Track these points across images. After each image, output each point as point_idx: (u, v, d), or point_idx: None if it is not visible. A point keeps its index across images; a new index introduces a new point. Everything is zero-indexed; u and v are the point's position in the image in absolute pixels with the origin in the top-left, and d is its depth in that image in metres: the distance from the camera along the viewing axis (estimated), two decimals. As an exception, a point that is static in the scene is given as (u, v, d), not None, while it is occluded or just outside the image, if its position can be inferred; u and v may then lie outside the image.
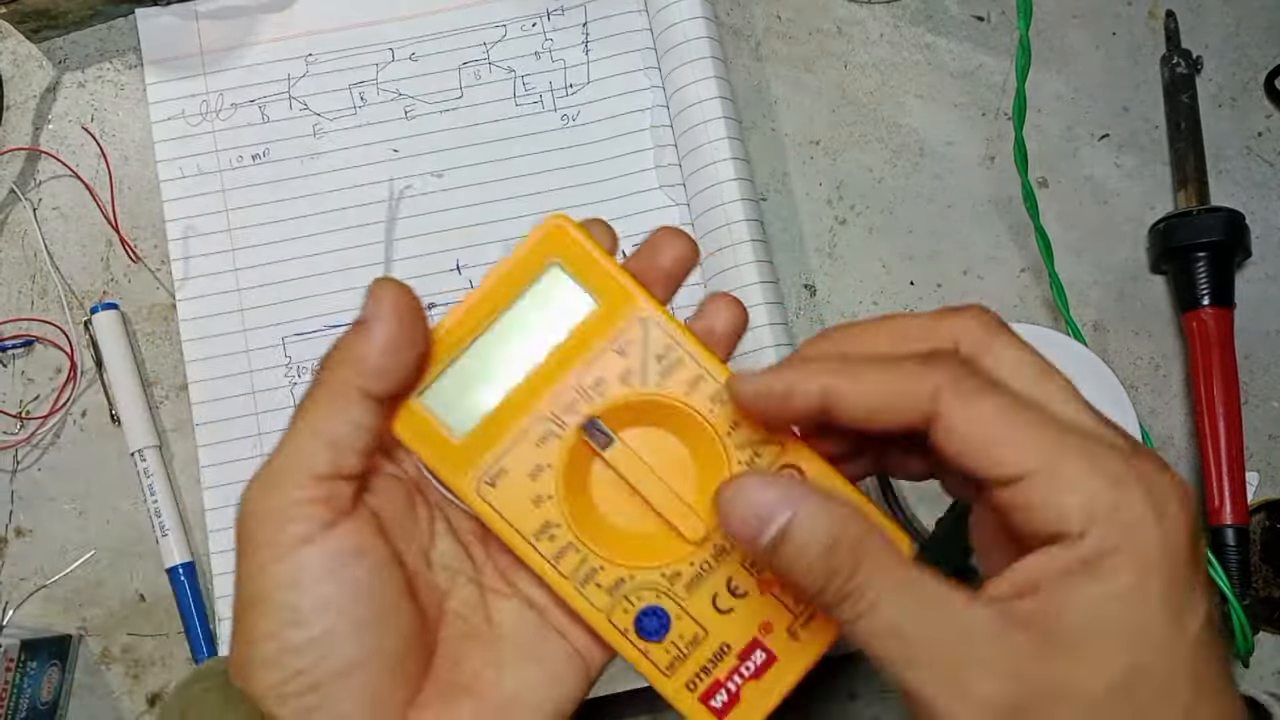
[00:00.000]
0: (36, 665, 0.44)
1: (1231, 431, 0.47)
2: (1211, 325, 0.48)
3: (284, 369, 0.48)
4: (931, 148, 0.52)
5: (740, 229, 0.47)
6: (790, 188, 0.51)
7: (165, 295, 0.50)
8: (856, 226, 0.51)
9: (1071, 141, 0.52)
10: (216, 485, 0.47)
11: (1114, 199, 0.52)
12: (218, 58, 0.51)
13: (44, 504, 0.48)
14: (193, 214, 0.50)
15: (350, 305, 0.49)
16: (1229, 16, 0.53)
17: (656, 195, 0.50)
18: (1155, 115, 0.52)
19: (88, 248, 0.50)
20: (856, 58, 0.53)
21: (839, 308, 0.50)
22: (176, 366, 0.49)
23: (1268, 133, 0.52)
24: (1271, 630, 0.48)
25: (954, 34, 0.53)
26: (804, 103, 0.52)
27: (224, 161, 0.50)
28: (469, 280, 0.49)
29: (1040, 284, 0.51)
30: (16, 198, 0.50)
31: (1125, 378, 0.49)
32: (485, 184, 0.50)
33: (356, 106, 0.51)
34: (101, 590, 0.48)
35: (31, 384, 0.49)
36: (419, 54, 0.51)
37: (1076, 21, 0.53)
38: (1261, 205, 0.51)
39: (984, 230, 0.51)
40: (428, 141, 0.50)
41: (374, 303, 0.26)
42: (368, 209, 0.50)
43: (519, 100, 0.51)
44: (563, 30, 0.52)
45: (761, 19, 0.53)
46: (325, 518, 0.26)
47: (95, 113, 0.52)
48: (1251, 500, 0.48)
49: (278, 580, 0.26)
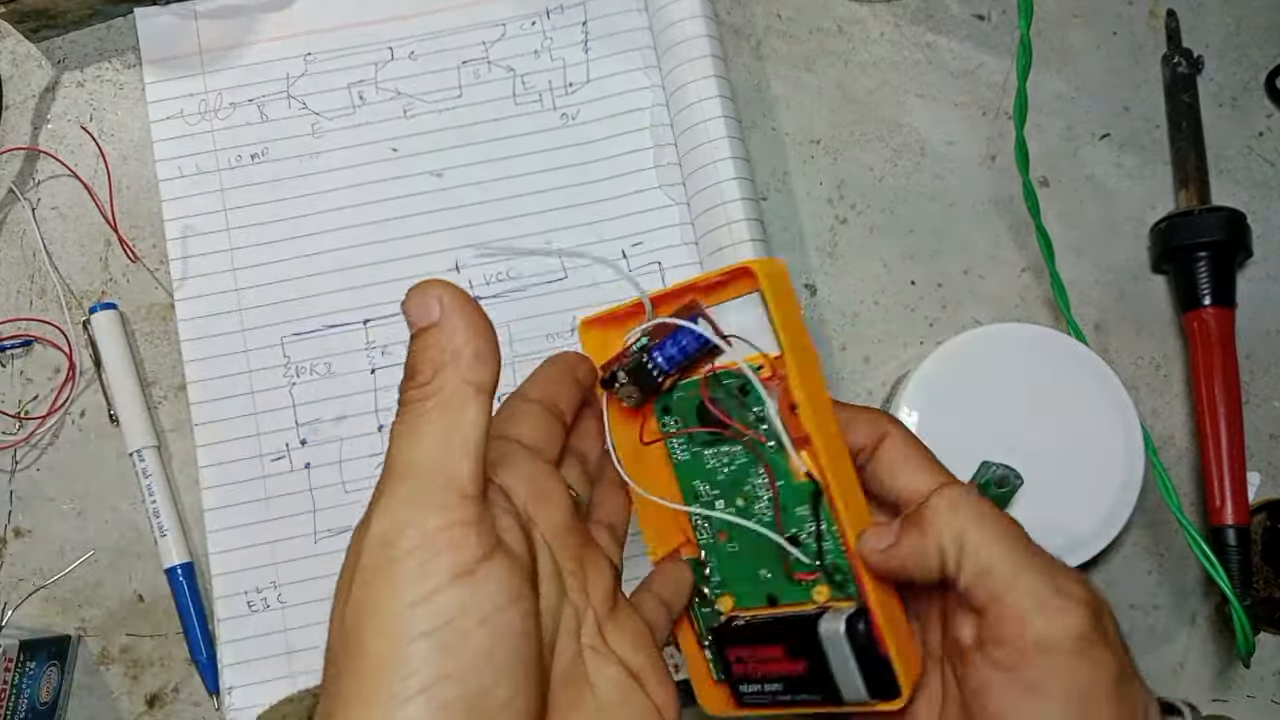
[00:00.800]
0: (35, 665, 0.44)
1: (1233, 431, 0.47)
2: (1213, 325, 0.48)
3: (283, 369, 0.48)
4: (932, 147, 0.52)
5: (740, 229, 0.47)
6: (790, 187, 0.51)
7: (164, 295, 0.50)
8: (857, 226, 0.51)
9: (1072, 141, 0.52)
10: (215, 485, 0.47)
11: (1115, 198, 0.52)
12: (216, 57, 0.51)
13: (43, 504, 0.48)
14: (191, 214, 0.50)
15: (350, 305, 0.49)
16: (1229, 16, 0.53)
17: (656, 195, 0.50)
18: (1156, 115, 0.52)
19: (86, 247, 0.50)
20: (857, 57, 0.53)
21: (839, 307, 0.50)
22: (175, 366, 0.49)
23: (1268, 132, 0.52)
24: (1272, 631, 0.48)
25: (955, 33, 0.53)
26: (804, 102, 0.52)
27: (223, 161, 0.50)
28: (468, 280, 0.49)
29: (1041, 284, 0.50)
30: (15, 197, 0.50)
31: (1126, 378, 0.49)
32: (485, 183, 0.50)
33: (355, 106, 0.51)
34: (100, 590, 0.48)
35: (30, 384, 0.49)
36: (418, 53, 0.51)
37: (1077, 21, 0.53)
38: (1262, 205, 0.51)
39: (985, 230, 0.51)
40: (427, 141, 0.50)
41: (432, 300, 0.25)
42: (367, 208, 0.50)
43: (518, 99, 0.51)
44: (562, 29, 0.51)
45: (761, 18, 0.53)
46: (479, 548, 0.23)
47: (94, 112, 0.51)
48: (1252, 500, 0.48)
49: (429, 623, 0.22)
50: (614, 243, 0.49)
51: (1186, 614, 0.49)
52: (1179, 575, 0.49)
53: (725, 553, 0.36)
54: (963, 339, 0.45)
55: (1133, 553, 0.49)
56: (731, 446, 0.35)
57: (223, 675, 0.46)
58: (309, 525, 0.47)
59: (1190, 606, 0.49)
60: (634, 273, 0.49)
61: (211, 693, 0.46)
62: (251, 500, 0.47)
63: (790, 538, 0.34)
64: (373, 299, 0.49)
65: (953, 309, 0.50)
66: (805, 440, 0.33)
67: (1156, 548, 0.49)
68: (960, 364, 0.45)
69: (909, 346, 0.50)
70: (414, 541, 0.23)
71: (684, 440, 0.36)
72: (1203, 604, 0.49)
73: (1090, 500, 0.43)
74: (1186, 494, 0.49)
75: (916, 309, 0.50)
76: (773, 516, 0.34)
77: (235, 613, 0.46)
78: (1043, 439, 0.44)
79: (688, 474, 0.36)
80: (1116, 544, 0.48)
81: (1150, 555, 0.49)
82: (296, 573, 0.47)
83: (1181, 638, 0.48)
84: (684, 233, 0.49)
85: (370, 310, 0.49)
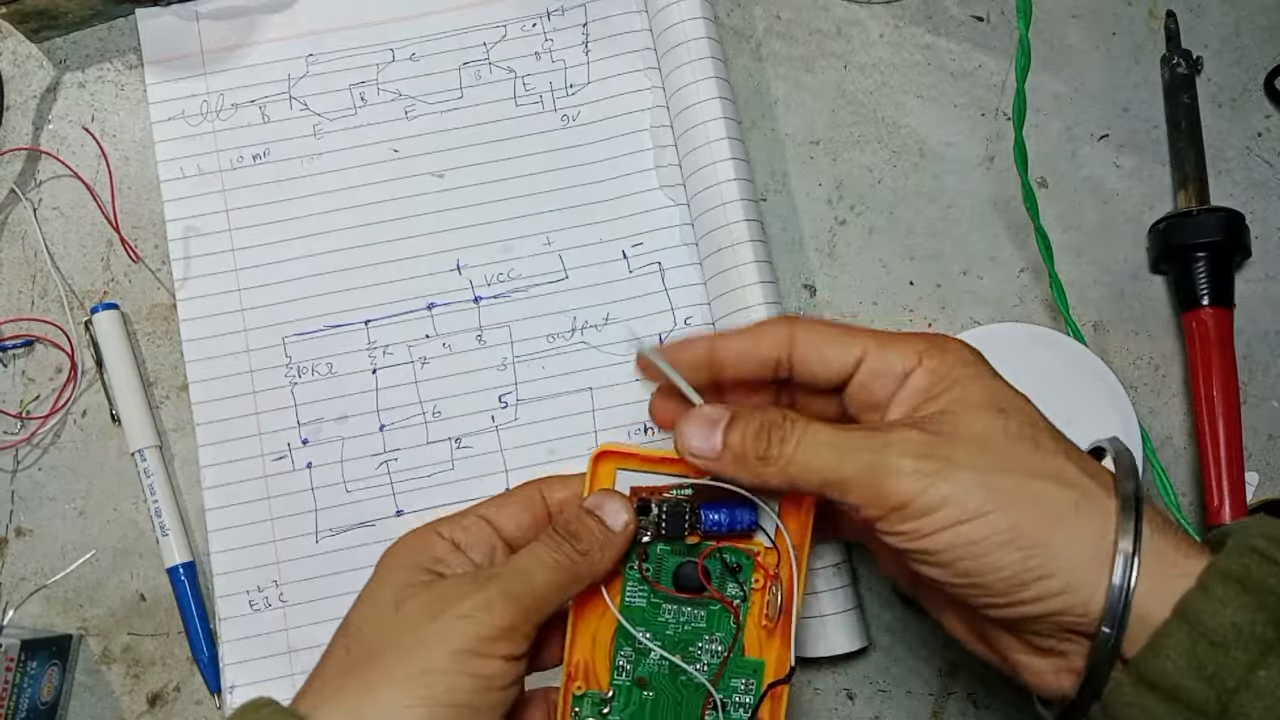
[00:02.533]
0: (37, 665, 0.44)
1: (1231, 431, 0.47)
2: (1211, 325, 0.48)
3: (284, 369, 0.49)
4: (931, 148, 0.52)
5: (740, 229, 0.47)
6: (790, 188, 0.52)
7: (165, 295, 0.50)
8: (856, 226, 0.51)
9: (1071, 141, 0.52)
10: (217, 485, 0.47)
11: (1114, 199, 0.52)
12: (218, 58, 0.51)
13: (44, 504, 0.48)
14: (193, 214, 0.50)
15: (351, 305, 0.49)
16: (1229, 17, 0.53)
17: (656, 195, 0.50)
18: (1155, 115, 0.52)
19: (88, 248, 0.50)
20: (856, 58, 0.53)
21: (839, 308, 0.50)
22: (177, 366, 0.49)
23: (1267, 133, 0.52)
24: (1271, 630, 0.48)
25: (954, 34, 0.53)
26: (804, 103, 0.52)
27: (224, 161, 0.50)
28: (469, 280, 0.49)
29: (1040, 284, 0.51)
30: (17, 198, 0.50)
31: (1125, 377, 0.49)
32: (485, 184, 0.50)
33: (357, 106, 0.51)
34: (101, 590, 0.48)
35: (32, 384, 0.49)
36: (419, 54, 0.51)
37: (1076, 21, 0.53)
38: (1261, 205, 0.52)
39: (984, 230, 0.51)
40: (428, 142, 0.51)
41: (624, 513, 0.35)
42: (368, 209, 0.50)
43: (519, 100, 0.51)
44: (563, 30, 0.52)
45: (761, 19, 0.53)
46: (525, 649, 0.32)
47: (95, 113, 0.52)
48: (1251, 500, 0.48)
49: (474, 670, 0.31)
50: (614, 243, 0.50)
51: (1185, 613, 0.49)
52: (1178, 575, 0.49)
53: (636, 698, 0.37)
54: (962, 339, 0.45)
55: (1131, 552, 0.49)
56: (694, 609, 0.37)
57: (224, 674, 0.46)
58: (310, 525, 0.47)
59: (1189, 606, 0.49)
60: (634, 273, 0.49)
61: (213, 692, 0.46)
62: (253, 500, 0.47)
63: (722, 702, 0.36)
64: (374, 299, 0.49)
65: (952, 309, 0.50)
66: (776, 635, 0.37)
67: (1155, 547, 0.49)
68: (959, 364, 0.45)
69: (908, 347, 0.50)
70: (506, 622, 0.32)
71: (644, 588, 0.37)
72: (1201, 603, 0.49)
73: (1089, 500, 0.43)
74: (1185, 494, 0.49)
75: (916, 309, 0.50)
76: (709, 678, 0.36)
77: (237, 612, 0.46)
78: (1042, 439, 0.44)
79: (635, 618, 0.37)
80: (1115, 543, 0.48)
81: (1149, 555, 0.49)
82: (298, 572, 0.47)
83: (1180, 637, 0.48)
84: (684, 233, 0.49)
85: (371, 311, 0.49)
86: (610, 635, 0.37)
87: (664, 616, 0.37)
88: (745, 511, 0.36)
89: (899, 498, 0.31)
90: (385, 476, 0.48)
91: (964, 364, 0.33)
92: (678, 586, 0.37)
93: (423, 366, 0.49)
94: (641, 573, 0.37)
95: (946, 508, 0.30)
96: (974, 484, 0.30)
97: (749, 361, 0.35)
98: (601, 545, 0.34)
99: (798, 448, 0.32)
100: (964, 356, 0.34)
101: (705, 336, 0.36)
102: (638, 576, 0.37)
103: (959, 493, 0.30)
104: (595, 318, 0.49)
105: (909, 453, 0.31)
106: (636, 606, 0.37)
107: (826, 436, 0.32)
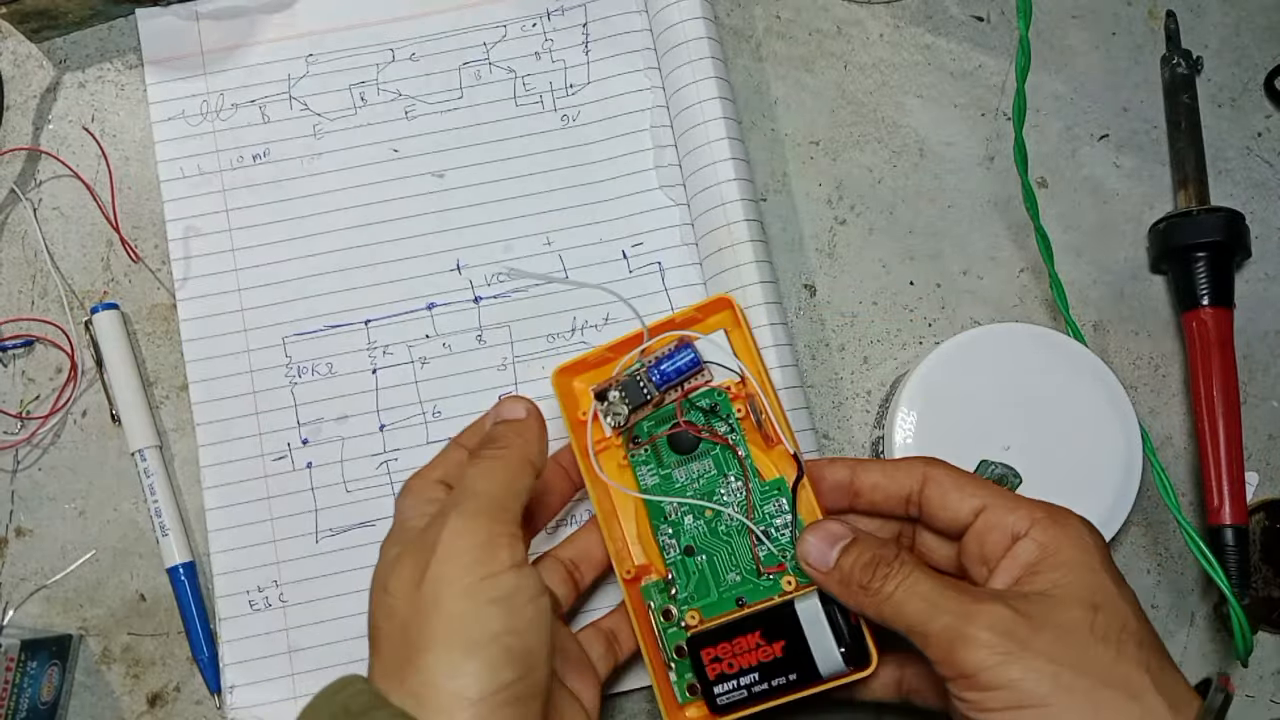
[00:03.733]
0: (37, 665, 0.44)
1: (1231, 431, 0.47)
2: (1211, 325, 0.48)
3: (284, 369, 0.49)
4: (931, 148, 0.52)
5: (740, 229, 0.47)
6: (790, 188, 0.52)
7: (165, 295, 0.50)
8: (856, 226, 0.51)
9: (1071, 141, 0.52)
10: (217, 485, 0.47)
11: (1114, 199, 0.52)
12: (218, 58, 0.51)
13: (44, 504, 0.48)
14: (193, 214, 0.50)
15: (351, 305, 0.49)
16: (1229, 16, 0.53)
17: (656, 195, 0.50)
18: (1155, 115, 0.52)
19: (88, 248, 0.50)
20: (856, 58, 0.53)
21: (839, 308, 0.50)
22: (177, 366, 0.49)
23: (1267, 133, 0.52)
24: (1271, 630, 0.48)
25: (954, 34, 0.53)
26: (804, 103, 0.52)
27: (224, 162, 0.50)
28: (469, 280, 0.49)
29: (1040, 284, 0.51)
30: (17, 198, 0.50)
31: (1125, 378, 0.49)
32: (485, 184, 0.50)
33: (357, 106, 0.51)
34: (101, 590, 0.48)
35: (32, 384, 0.49)
36: (419, 54, 0.51)
37: (1076, 21, 0.53)
38: (1261, 205, 0.52)
39: (984, 230, 0.51)
40: (428, 142, 0.51)
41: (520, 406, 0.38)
42: (368, 209, 0.50)
43: (519, 100, 0.51)
44: (563, 30, 0.52)
45: (761, 19, 0.53)
46: (522, 553, 0.33)
47: (95, 113, 0.52)
48: (1251, 500, 0.48)
49: (498, 592, 0.31)
50: (614, 243, 0.50)
51: (1185, 614, 0.49)
52: (1177, 575, 0.49)
53: (692, 567, 0.40)
54: (961, 339, 0.45)
55: (1131, 552, 0.49)
56: (700, 462, 0.41)
57: (224, 674, 0.46)
58: (310, 524, 0.47)
59: (1188, 606, 0.49)
60: (634, 273, 0.49)
61: (213, 692, 0.46)
62: (253, 500, 0.47)
63: (763, 531, 0.40)
64: (374, 299, 0.49)
65: (952, 309, 0.51)
66: (776, 440, 0.40)
67: (1155, 547, 0.49)
68: (959, 364, 0.45)
69: (908, 347, 0.50)
70: (481, 538, 0.32)
71: (652, 466, 0.42)
72: (1201, 604, 0.49)
73: (1089, 500, 0.43)
74: (1185, 494, 0.49)
75: (915, 309, 0.50)
76: (743, 514, 0.40)
77: (237, 612, 0.46)
78: (1041, 439, 0.44)
79: (655, 494, 0.41)
80: (1115, 543, 0.48)
81: (1148, 555, 0.49)
82: (298, 572, 0.47)
83: (1180, 637, 0.48)
84: (684, 233, 0.49)
85: (371, 310, 0.49)
86: (647, 529, 0.41)
87: (679, 483, 0.41)
88: (685, 350, 0.40)
89: (970, 667, 0.32)
90: (385, 476, 0.48)
91: (1075, 547, 0.35)
92: (677, 451, 0.41)
93: (423, 366, 0.49)
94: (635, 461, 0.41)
95: (1011, 689, 0.31)
96: (1044, 674, 0.31)
97: (881, 493, 0.39)
98: (517, 433, 0.37)
99: (897, 589, 0.34)
100: (1078, 540, 0.35)
101: (848, 461, 0.40)
102: (640, 458, 0.42)
103: (1028, 679, 0.31)
104: (595, 318, 0.49)
105: (992, 627, 0.32)
106: (653, 486, 0.42)
107: (925, 588, 0.34)
